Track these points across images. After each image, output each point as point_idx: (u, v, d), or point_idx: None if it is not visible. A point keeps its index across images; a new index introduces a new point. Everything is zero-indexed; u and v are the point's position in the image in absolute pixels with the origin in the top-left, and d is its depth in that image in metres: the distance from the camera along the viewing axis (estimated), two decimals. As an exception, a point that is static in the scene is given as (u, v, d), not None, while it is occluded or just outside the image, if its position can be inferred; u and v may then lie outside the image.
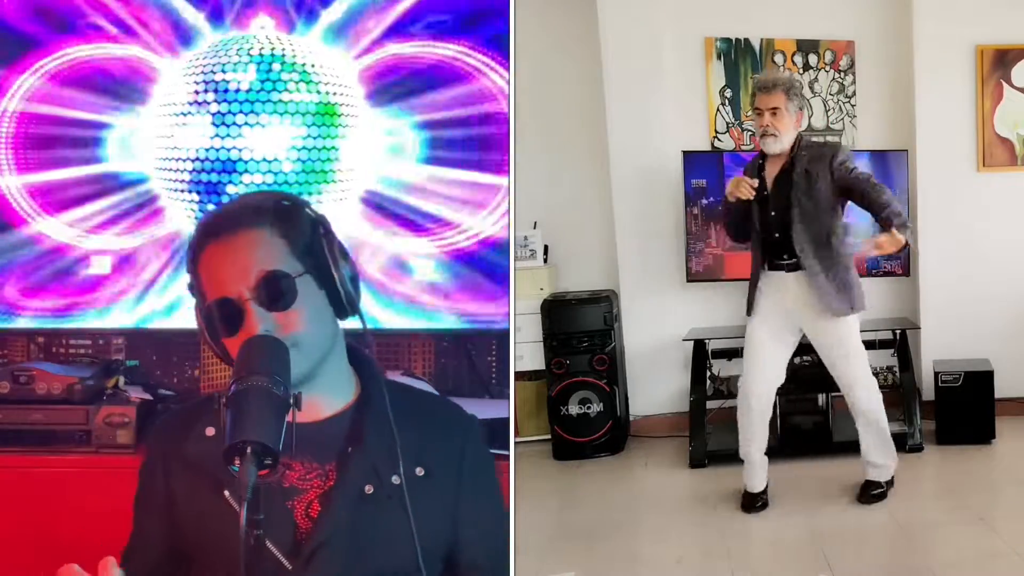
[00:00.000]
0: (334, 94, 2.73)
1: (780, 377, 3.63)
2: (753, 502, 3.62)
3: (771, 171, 3.51)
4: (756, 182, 3.42)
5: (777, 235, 3.48)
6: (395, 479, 1.45)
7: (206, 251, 1.45)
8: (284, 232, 1.45)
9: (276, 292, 1.41)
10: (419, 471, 1.48)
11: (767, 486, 3.67)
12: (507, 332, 2.80)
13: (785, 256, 3.48)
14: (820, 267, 3.43)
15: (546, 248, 4.81)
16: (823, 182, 3.44)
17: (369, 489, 1.44)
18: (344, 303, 1.47)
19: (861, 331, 4.45)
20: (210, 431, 1.47)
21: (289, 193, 1.54)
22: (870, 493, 3.62)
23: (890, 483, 3.68)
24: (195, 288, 1.47)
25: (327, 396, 1.48)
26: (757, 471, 3.63)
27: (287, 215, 1.47)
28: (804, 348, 4.52)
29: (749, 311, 3.60)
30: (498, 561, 1.58)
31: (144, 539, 1.53)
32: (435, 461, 1.50)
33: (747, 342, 3.61)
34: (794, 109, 3.46)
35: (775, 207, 3.47)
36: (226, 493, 1.39)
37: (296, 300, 1.42)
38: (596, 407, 4.44)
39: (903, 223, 3.30)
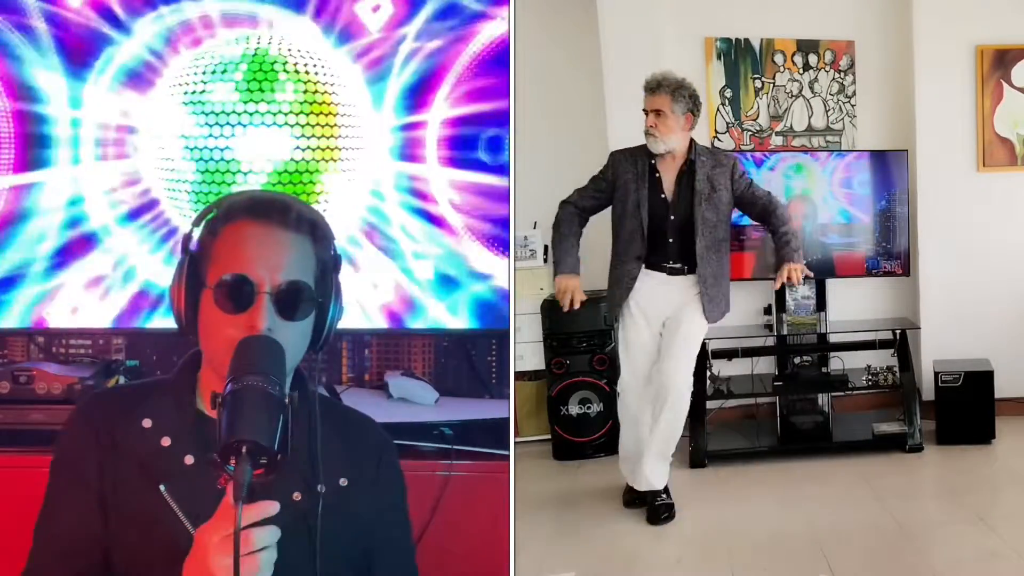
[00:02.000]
0: (334, 94, 2.74)
1: (649, 367, 3.58)
2: (634, 497, 3.67)
3: (667, 173, 3.51)
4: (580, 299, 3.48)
5: (672, 240, 3.48)
6: (321, 487, 1.46)
7: (240, 224, 1.43)
8: (317, 252, 1.48)
9: (296, 303, 1.42)
10: (343, 481, 1.50)
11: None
12: (507, 332, 2.81)
13: (671, 261, 3.49)
14: (711, 275, 3.46)
15: (546, 248, 4.80)
16: (724, 192, 3.48)
17: (297, 496, 1.44)
18: (322, 340, 1.49)
19: (860, 331, 4.49)
20: (147, 423, 1.44)
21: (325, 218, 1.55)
22: (661, 516, 3.53)
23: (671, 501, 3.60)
24: (196, 247, 1.45)
25: None
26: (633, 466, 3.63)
27: (324, 238, 1.49)
28: (805, 348, 4.54)
29: (616, 315, 3.59)
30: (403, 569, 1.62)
31: (61, 529, 1.46)
32: (355, 472, 1.52)
33: (623, 343, 3.60)
34: (681, 111, 3.45)
35: (675, 212, 3.49)
36: (162, 488, 1.38)
37: (305, 319, 1.44)
38: (596, 407, 4.44)
39: (799, 247, 3.44)
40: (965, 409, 4.31)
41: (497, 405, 2.85)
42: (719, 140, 4.79)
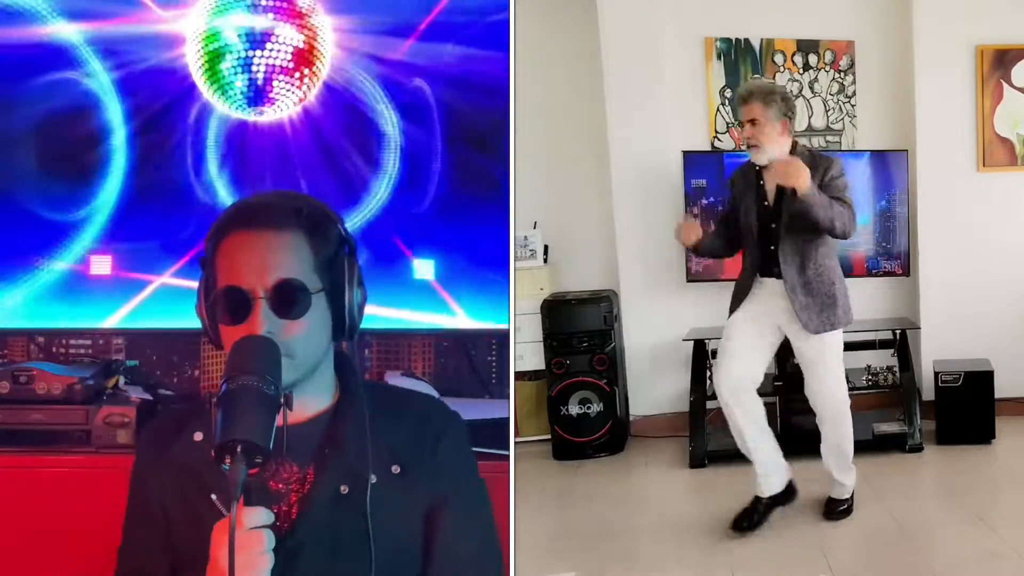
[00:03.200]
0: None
1: (754, 370, 3.45)
2: (763, 509, 3.47)
3: (771, 180, 3.39)
4: (693, 229, 3.45)
5: (773, 247, 3.38)
6: (372, 478, 1.45)
7: (232, 236, 1.44)
8: (313, 243, 1.45)
9: (291, 301, 1.42)
10: (395, 469, 1.48)
11: (784, 491, 3.52)
12: (507, 332, 2.80)
13: (777, 268, 3.39)
14: (801, 282, 3.34)
15: (546, 248, 4.81)
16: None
17: (345, 489, 1.44)
18: (346, 328, 1.48)
19: (861, 331, 4.49)
20: (198, 436, 1.47)
21: (326, 204, 1.53)
22: (836, 510, 3.54)
23: (852, 499, 3.60)
24: (207, 265, 1.47)
25: (308, 399, 1.47)
26: (757, 473, 3.47)
27: (321, 226, 1.47)
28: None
29: (732, 312, 3.49)
30: (482, 554, 1.55)
31: (137, 546, 1.52)
32: (410, 457, 1.50)
33: (723, 336, 3.50)
34: (775, 117, 3.34)
35: (775, 219, 3.38)
36: (213, 497, 1.39)
37: (306, 313, 1.43)
38: (596, 407, 4.45)
39: (820, 194, 3.22)
40: (965, 409, 4.31)
41: (497, 405, 2.85)
42: (719, 140, 4.80)
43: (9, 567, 2.49)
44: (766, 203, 3.42)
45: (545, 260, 4.79)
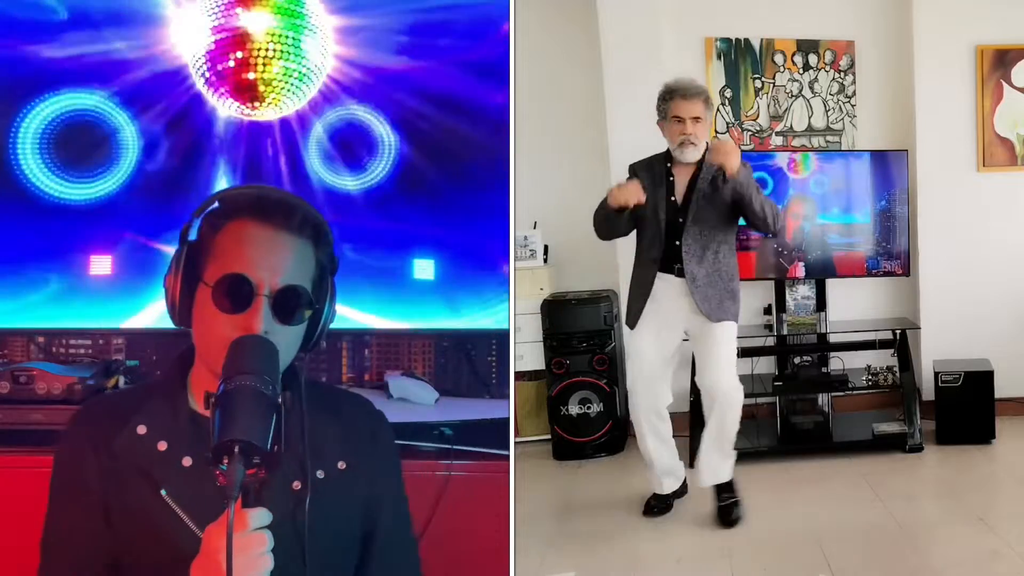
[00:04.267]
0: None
1: (666, 394, 3.57)
2: (657, 503, 3.68)
3: (681, 178, 3.47)
4: (639, 189, 3.33)
5: (678, 243, 3.43)
6: (320, 474, 1.47)
7: (245, 222, 1.42)
8: (320, 260, 1.48)
9: (293, 308, 1.42)
10: (341, 465, 1.50)
11: (677, 491, 3.73)
12: (507, 332, 2.80)
13: (681, 263, 3.43)
14: (702, 273, 3.40)
15: (546, 248, 4.81)
16: (727, 190, 3.40)
17: (297, 485, 1.45)
18: (313, 342, 1.49)
19: (860, 331, 4.49)
20: (142, 429, 1.44)
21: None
22: (730, 513, 3.53)
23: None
24: (196, 240, 1.45)
25: None
26: (655, 474, 3.66)
27: (327, 244, 1.49)
28: (805, 348, 4.55)
29: (632, 322, 3.52)
30: (404, 543, 1.62)
31: (69, 536, 1.46)
32: (354, 453, 1.53)
33: (633, 351, 3.56)
34: (710, 118, 3.47)
35: (683, 215, 3.44)
36: (163, 492, 1.38)
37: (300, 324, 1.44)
38: (596, 407, 4.45)
39: (747, 183, 3.30)
40: (965, 409, 4.31)
41: (497, 405, 2.85)
42: (719, 140, 4.79)
43: (9, 567, 2.49)
44: (673, 198, 3.46)
45: (545, 260, 4.79)
